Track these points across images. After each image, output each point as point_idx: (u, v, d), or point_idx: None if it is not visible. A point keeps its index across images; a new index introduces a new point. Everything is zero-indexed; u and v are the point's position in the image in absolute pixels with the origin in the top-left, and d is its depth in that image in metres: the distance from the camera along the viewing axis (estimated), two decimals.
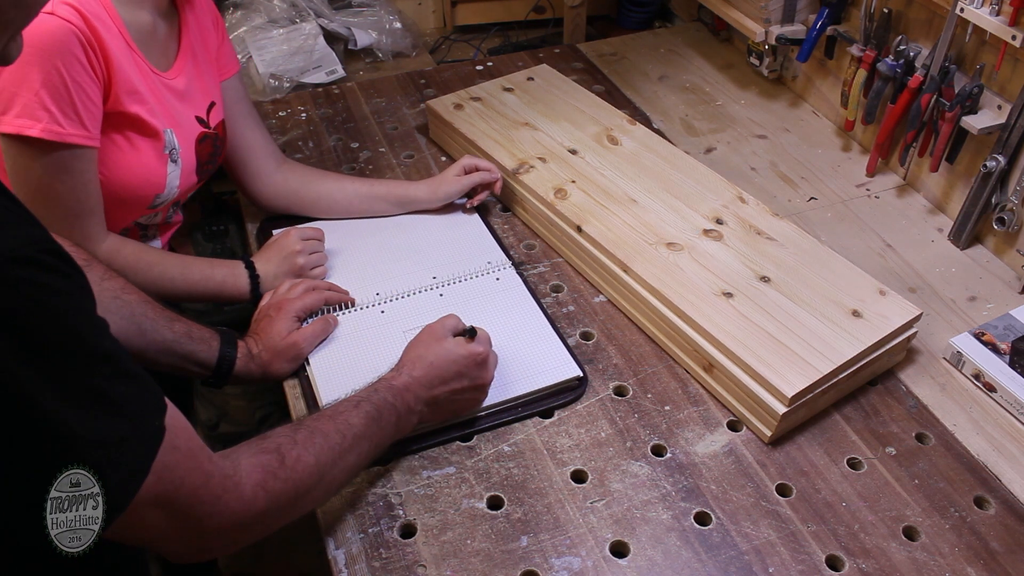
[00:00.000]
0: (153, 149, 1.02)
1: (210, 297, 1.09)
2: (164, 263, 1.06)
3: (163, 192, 1.06)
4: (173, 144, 1.05)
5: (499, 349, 1.05)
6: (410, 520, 0.89)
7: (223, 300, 1.11)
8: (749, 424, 0.99)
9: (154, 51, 1.03)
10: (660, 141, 1.35)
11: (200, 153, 1.11)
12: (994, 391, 1.03)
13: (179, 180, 1.07)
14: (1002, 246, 1.24)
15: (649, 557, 0.86)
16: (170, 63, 1.07)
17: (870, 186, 1.40)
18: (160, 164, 1.04)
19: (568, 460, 0.95)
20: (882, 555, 0.86)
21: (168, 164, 1.05)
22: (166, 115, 1.04)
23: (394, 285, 1.16)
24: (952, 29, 1.19)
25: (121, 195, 1.02)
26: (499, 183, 1.27)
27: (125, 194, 1.02)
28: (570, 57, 1.73)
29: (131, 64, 0.97)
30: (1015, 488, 0.93)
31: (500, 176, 1.27)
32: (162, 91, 1.04)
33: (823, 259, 1.11)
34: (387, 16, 1.81)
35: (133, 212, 1.07)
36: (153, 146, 1.02)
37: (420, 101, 1.57)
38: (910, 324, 1.04)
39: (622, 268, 1.12)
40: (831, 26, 1.45)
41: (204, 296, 1.09)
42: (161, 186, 1.05)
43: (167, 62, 1.06)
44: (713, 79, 1.68)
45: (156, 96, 1.02)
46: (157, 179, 1.04)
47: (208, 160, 1.14)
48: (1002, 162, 1.16)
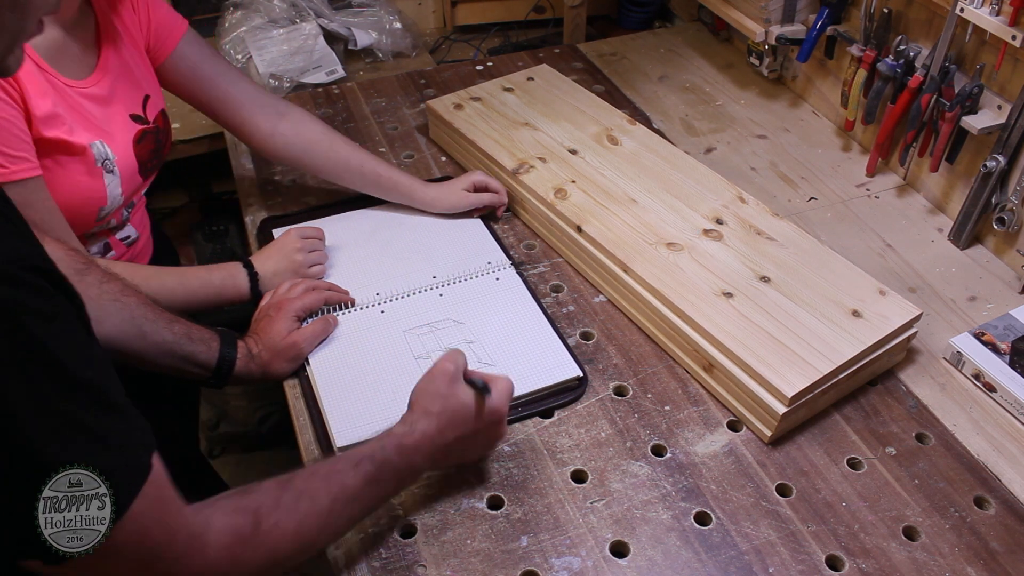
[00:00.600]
0: (83, 165, 0.99)
1: (211, 302, 1.08)
2: (160, 275, 1.05)
3: (106, 204, 1.03)
4: (105, 155, 1.01)
5: (499, 349, 1.06)
6: (410, 520, 0.89)
7: (224, 303, 1.10)
8: (749, 424, 0.99)
9: (68, 63, 0.99)
10: (660, 141, 1.35)
11: (140, 153, 1.08)
12: (994, 391, 1.03)
13: (120, 188, 1.05)
14: (1002, 246, 1.24)
15: (649, 557, 0.86)
16: (90, 69, 1.03)
17: (870, 186, 1.40)
18: (94, 179, 1.01)
19: (568, 460, 0.95)
20: (882, 555, 0.86)
21: (104, 176, 1.02)
22: (89, 128, 1.00)
23: (394, 285, 1.16)
24: (952, 29, 1.19)
25: (66, 216, 0.99)
26: (503, 208, 1.29)
27: (69, 215, 0.99)
28: (570, 57, 1.73)
29: (43, 86, 0.94)
30: (1015, 488, 0.93)
31: (507, 200, 1.28)
32: (82, 103, 1.00)
33: (823, 259, 1.11)
34: (387, 16, 1.81)
35: (80, 227, 1.04)
36: (82, 163, 0.99)
37: (420, 101, 1.57)
38: (910, 324, 1.04)
39: (622, 268, 1.12)
40: (831, 26, 1.45)
41: (205, 302, 1.08)
42: (102, 199, 1.02)
43: (86, 69, 1.02)
44: (713, 79, 1.68)
45: (75, 111, 0.99)
46: (95, 194, 1.01)
47: (151, 158, 1.11)
48: (1002, 162, 1.16)
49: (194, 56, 1.15)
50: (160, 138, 1.13)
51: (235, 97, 1.18)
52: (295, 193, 1.36)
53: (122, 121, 1.06)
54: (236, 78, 1.19)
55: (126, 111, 1.07)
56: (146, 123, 1.09)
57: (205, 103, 1.18)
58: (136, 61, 1.09)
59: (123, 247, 1.15)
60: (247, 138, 1.22)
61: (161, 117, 1.13)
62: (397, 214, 1.29)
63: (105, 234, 1.11)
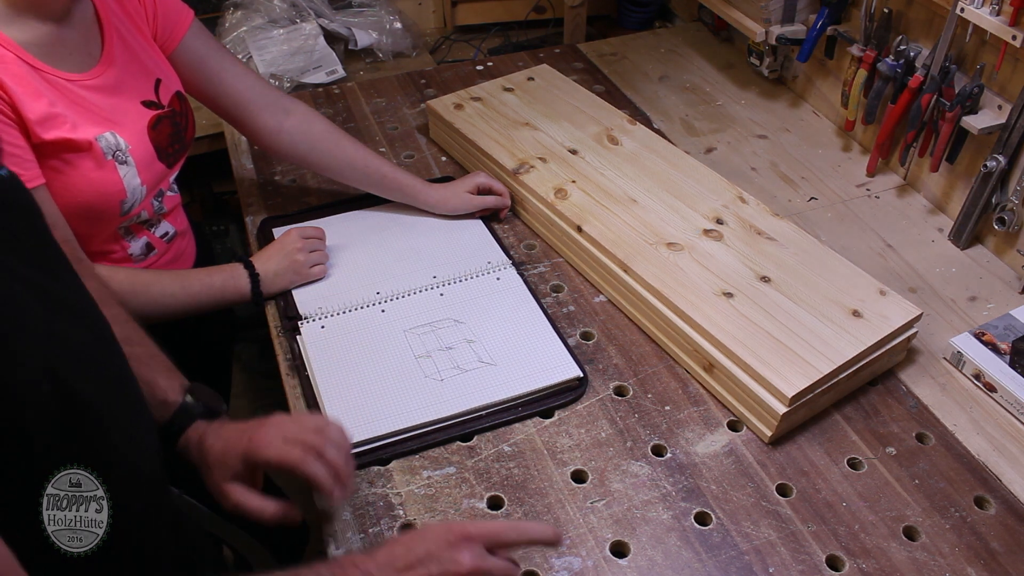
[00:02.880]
0: (92, 160, 0.97)
1: (213, 304, 1.08)
2: (161, 281, 1.04)
3: (127, 196, 1.01)
4: (116, 146, 0.99)
5: (499, 349, 1.06)
6: (410, 520, 0.89)
7: (225, 304, 1.10)
8: (749, 424, 0.99)
9: (67, 58, 0.96)
10: (660, 141, 1.35)
11: (157, 139, 1.05)
12: (994, 391, 1.03)
13: (139, 177, 1.02)
14: (1002, 246, 1.24)
15: (649, 557, 0.86)
16: (94, 60, 1.00)
17: (870, 186, 1.40)
18: (107, 172, 0.98)
19: (568, 460, 0.95)
20: (882, 555, 0.86)
21: (118, 168, 0.99)
22: (95, 121, 0.98)
23: (394, 284, 1.16)
24: (952, 29, 1.19)
25: (87, 215, 0.99)
26: (507, 210, 1.29)
27: (90, 213, 0.99)
28: (570, 57, 1.73)
29: (37, 86, 0.91)
30: (1015, 488, 0.93)
31: (510, 203, 1.29)
32: (84, 97, 0.97)
33: (823, 259, 1.11)
34: (387, 16, 1.81)
35: (110, 224, 1.03)
36: (90, 158, 0.97)
37: (420, 101, 1.57)
38: (910, 324, 1.04)
39: (622, 268, 1.12)
40: (831, 26, 1.45)
41: (207, 304, 1.08)
42: (121, 192, 1.00)
43: (89, 61, 0.99)
44: (713, 79, 1.68)
45: (77, 106, 0.96)
46: (111, 188, 0.99)
47: (170, 143, 1.08)
48: (1002, 162, 1.16)
49: (200, 49, 1.13)
50: (178, 121, 1.10)
51: (241, 93, 1.16)
52: (295, 193, 1.36)
53: (133, 109, 1.03)
54: (242, 73, 1.17)
55: (137, 98, 1.04)
56: (160, 107, 1.07)
57: (211, 98, 1.17)
58: (143, 46, 1.06)
59: (164, 244, 1.14)
60: (252, 135, 1.21)
61: (177, 99, 1.10)
62: (397, 214, 1.29)
63: (142, 231, 1.10)
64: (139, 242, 1.10)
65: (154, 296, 1.02)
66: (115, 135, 0.99)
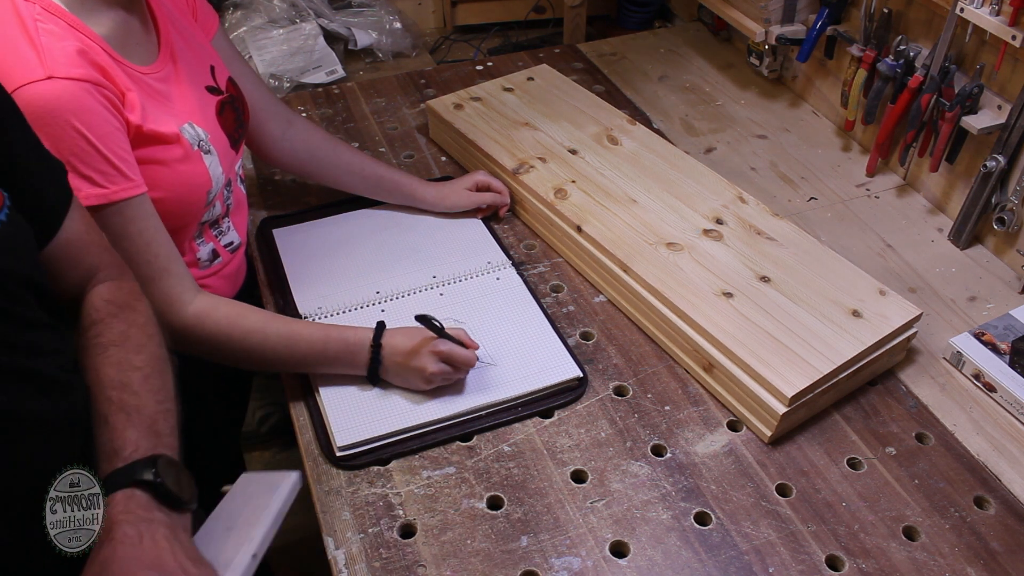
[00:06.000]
0: (181, 151, 0.95)
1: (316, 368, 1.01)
2: (266, 331, 0.96)
3: (212, 186, 0.99)
4: (198, 136, 0.97)
5: (499, 349, 1.05)
6: (410, 520, 0.89)
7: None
8: (749, 424, 0.99)
9: (136, 50, 0.94)
10: (660, 141, 1.35)
11: (225, 125, 1.04)
12: (994, 391, 1.03)
13: (221, 166, 1.01)
14: (1002, 246, 1.24)
15: (649, 557, 0.86)
16: (155, 52, 0.97)
17: (870, 186, 1.40)
18: (195, 163, 0.97)
19: (568, 460, 0.95)
20: (882, 555, 0.86)
21: (204, 157, 0.98)
22: (173, 113, 0.95)
23: (394, 284, 1.16)
24: (952, 29, 1.19)
25: (178, 210, 0.96)
26: (506, 208, 1.29)
27: (181, 208, 0.97)
28: (570, 57, 1.73)
29: (125, 80, 0.89)
30: (1015, 488, 0.93)
31: (509, 201, 1.28)
32: (158, 90, 0.95)
33: (823, 259, 1.11)
34: (387, 16, 1.81)
35: (195, 217, 1.01)
36: (181, 149, 0.95)
37: (420, 101, 1.57)
38: (910, 324, 1.04)
39: (622, 268, 1.12)
40: (831, 26, 1.45)
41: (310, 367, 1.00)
42: (207, 182, 0.98)
43: (152, 53, 0.97)
44: (713, 79, 1.68)
45: (154, 100, 0.93)
46: (199, 179, 0.97)
47: (236, 127, 1.07)
48: (1002, 162, 1.16)
49: (226, 50, 1.13)
50: (238, 106, 1.09)
51: (255, 101, 1.16)
52: (295, 193, 1.36)
53: (200, 97, 1.01)
54: (256, 81, 1.18)
55: (201, 84, 1.02)
56: (220, 92, 1.05)
57: None
58: (192, 34, 1.04)
59: (228, 254, 1.12)
60: (256, 141, 1.21)
61: (231, 84, 1.09)
62: (397, 214, 1.29)
63: (210, 235, 1.07)
64: (207, 247, 1.07)
65: (253, 345, 0.95)
66: (193, 125, 0.97)
